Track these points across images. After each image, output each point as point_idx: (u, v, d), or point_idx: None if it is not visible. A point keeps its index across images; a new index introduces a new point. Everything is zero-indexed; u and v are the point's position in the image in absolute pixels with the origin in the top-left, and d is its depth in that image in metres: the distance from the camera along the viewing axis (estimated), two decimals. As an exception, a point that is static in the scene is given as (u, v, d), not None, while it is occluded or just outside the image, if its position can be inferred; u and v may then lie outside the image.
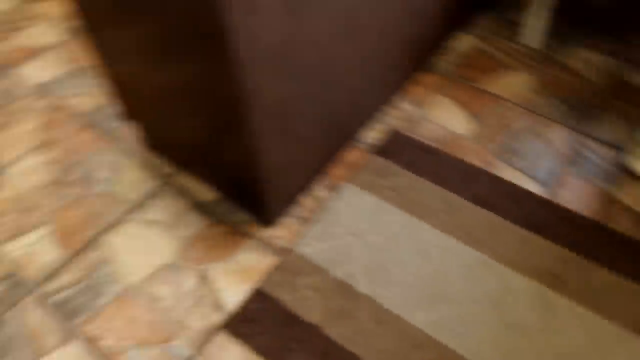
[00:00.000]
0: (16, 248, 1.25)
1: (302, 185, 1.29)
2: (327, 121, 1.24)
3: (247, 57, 0.89)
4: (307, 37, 1.01)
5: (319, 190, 1.33)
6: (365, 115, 1.41)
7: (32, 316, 1.13)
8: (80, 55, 1.77)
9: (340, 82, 1.20)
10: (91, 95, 1.63)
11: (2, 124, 1.55)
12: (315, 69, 1.09)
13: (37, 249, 1.25)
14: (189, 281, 1.17)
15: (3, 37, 1.86)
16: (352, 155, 1.41)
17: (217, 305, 1.13)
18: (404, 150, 1.41)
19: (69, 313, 1.13)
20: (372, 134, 1.46)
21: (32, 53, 1.79)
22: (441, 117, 1.49)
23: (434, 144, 1.43)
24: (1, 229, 1.29)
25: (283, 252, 1.22)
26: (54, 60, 1.75)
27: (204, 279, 1.18)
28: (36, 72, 1.71)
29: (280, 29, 0.93)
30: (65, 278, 1.19)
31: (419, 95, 1.55)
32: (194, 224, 1.28)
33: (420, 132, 1.46)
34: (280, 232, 1.25)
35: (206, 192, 1.34)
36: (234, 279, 1.17)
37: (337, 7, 1.05)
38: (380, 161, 1.39)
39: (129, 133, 1.50)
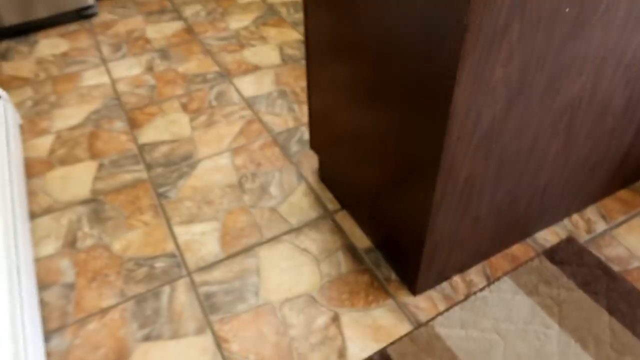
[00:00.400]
0: (186, 232, 1.39)
1: (460, 266, 1.23)
2: (508, 210, 1.18)
3: (459, 128, 0.89)
4: (517, 124, 0.98)
5: (475, 275, 1.26)
6: (548, 216, 1.31)
7: (181, 298, 1.24)
8: (288, 80, 1.94)
9: (534, 175, 1.14)
10: (284, 117, 1.77)
11: (214, 121, 1.76)
12: (514, 156, 1.05)
13: (201, 240, 1.37)
14: (322, 318, 1.18)
15: (235, 49, 2.13)
16: (519, 249, 1.32)
17: (341, 353, 1.12)
18: (578, 263, 1.28)
19: (210, 307, 1.21)
20: (548, 235, 1.35)
21: (252, 68, 2.01)
22: (633, 242, 1.32)
23: (615, 268, 1.27)
24: (182, 212, 1.44)
25: (420, 324, 1.17)
26: (265, 79, 1.95)
27: (335, 321, 1.18)
28: (249, 85, 1.92)
29: (496, 112, 0.92)
30: (216, 274, 1.28)
31: (614, 212, 1.40)
32: (341, 265, 1.29)
33: (604, 250, 1.31)
34: (423, 304, 1.20)
35: (361, 239, 1.35)
36: (364, 333, 1.15)
37: (558, 103, 1.00)
38: (549, 266, 1.28)
39: (306, 160, 1.59)
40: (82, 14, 2.37)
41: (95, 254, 1.35)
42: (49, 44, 2.21)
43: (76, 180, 1.56)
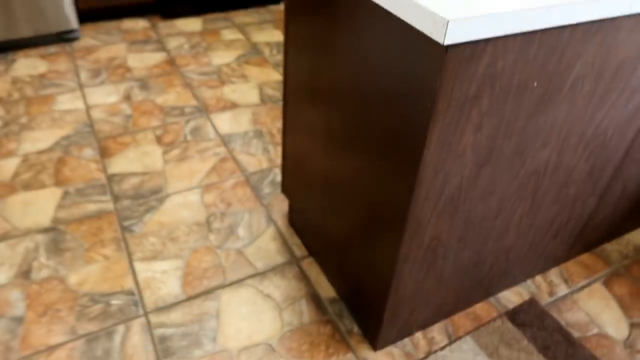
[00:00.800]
0: (147, 269, 1.35)
1: (422, 322, 1.22)
2: (472, 270, 1.19)
3: (427, 189, 0.90)
4: (484, 188, 1.00)
5: (437, 333, 1.25)
6: (512, 276, 1.33)
7: (135, 339, 1.19)
8: (265, 120, 1.95)
9: (499, 237, 1.15)
10: (259, 157, 1.76)
11: (187, 156, 1.74)
12: (481, 218, 1.06)
13: (162, 279, 1.33)
14: (279, 370, 1.15)
15: (215, 85, 2.13)
16: (482, 309, 1.32)
17: (295, 408, 1.09)
18: (539, 327, 1.28)
19: (164, 351, 1.17)
20: (511, 296, 1.35)
21: (230, 105, 2.01)
22: (593, 308, 1.34)
23: (575, 333, 1.28)
24: (145, 248, 1.41)
25: (378, 382, 1.15)
26: (243, 117, 1.95)
27: (293, 374, 1.15)
28: (226, 122, 1.92)
29: (464, 176, 0.93)
30: (174, 316, 1.25)
31: (576, 276, 1.42)
32: (304, 314, 1.27)
33: (564, 314, 1.32)
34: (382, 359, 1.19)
35: (326, 288, 1.34)
36: (321, 388, 1.13)
37: (524, 170, 1.03)
38: (510, 327, 1.28)
39: (277, 203, 1.58)
40: (63, 37, 2.36)
41: (49, 286, 1.30)
42: (27, 64, 2.19)
43: (38, 206, 1.52)
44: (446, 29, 0.70)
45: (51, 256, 1.37)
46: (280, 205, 1.58)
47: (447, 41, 0.71)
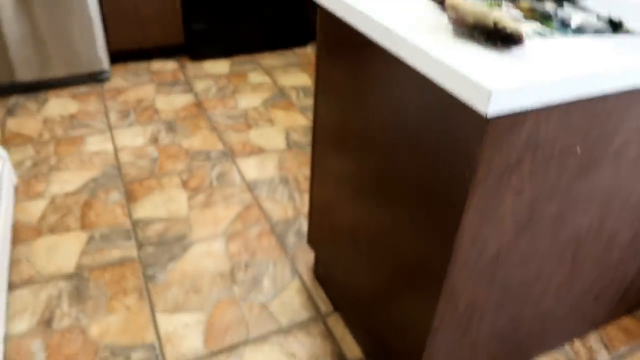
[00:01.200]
0: (169, 322, 1.32)
1: (454, 391, 1.16)
2: (508, 336, 1.13)
3: (465, 255, 0.86)
4: (524, 253, 0.95)
5: (469, 401, 1.18)
6: (549, 341, 1.26)
7: (154, 399, 1.15)
8: (291, 166, 1.94)
9: (537, 302, 1.10)
10: (284, 205, 1.74)
11: (212, 202, 1.73)
12: (519, 283, 1.01)
13: (184, 333, 1.30)
14: None
15: (242, 129, 2.14)
16: (517, 375, 1.25)
17: None
18: (579, 397, 1.21)
19: (184, 412, 1.13)
20: (547, 361, 1.28)
21: (256, 150, 2.01)
22: (637, 377, 1.26)
23: (618, 405, 1.20)
24: (167, 298, 1.38)
25: None
26: (269, 163, 1.95)
27: None
28: (252, 168, 1.91)
29: (503, 241, 0.89)
30: (195, 373, 1.21)
31: (617, 341, 1.35)
32: (329, 375, 1.22)
33: (606, 383, 1.24)
34: None
35: (352, 347, 1.29)
36: None
37: (565, 234, 0.98)
38: (548, 397, 1.20)
39: (302, 254, 1.55)
40: (95, 77, 2.41)
41: (70, 336, 1.27)
42: (59, 104, 2.23)
43: (63, 251, 1.51)
44: (489, 100, 0.68)
45: (73, 304, 1.35)
46: (306, 256, 1.54)
47: (490, 112, 0.69)
